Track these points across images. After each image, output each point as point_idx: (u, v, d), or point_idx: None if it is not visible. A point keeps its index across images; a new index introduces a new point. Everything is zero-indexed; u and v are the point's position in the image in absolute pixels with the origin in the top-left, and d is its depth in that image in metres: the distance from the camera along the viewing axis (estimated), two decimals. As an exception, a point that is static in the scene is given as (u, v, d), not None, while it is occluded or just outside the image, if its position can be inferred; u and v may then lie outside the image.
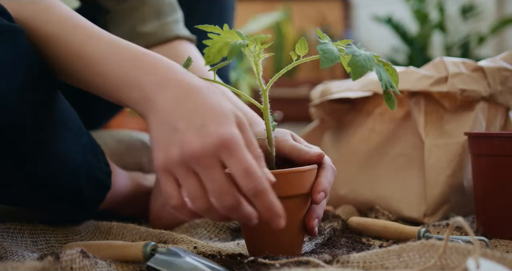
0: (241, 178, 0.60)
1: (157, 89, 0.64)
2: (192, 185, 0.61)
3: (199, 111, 0.62)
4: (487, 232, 0.84)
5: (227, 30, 0.72)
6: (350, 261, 0.62)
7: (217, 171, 0.60)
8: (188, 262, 0.64)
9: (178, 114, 0.62)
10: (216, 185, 0.60)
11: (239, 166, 0.60)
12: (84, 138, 0.80)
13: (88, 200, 0.83)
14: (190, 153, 0.60)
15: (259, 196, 0.61)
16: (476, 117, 0.98)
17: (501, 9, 3.27)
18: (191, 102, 0.62)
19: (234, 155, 0.60)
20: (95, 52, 0.68)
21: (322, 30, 2.96)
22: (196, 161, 0.60)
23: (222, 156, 0.61)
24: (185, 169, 0.61)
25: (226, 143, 0.60)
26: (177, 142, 0.61)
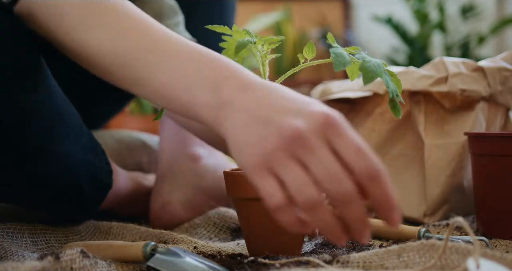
0: (353, 158, 0.53)
1: (237, 92, 0.58)
2: (298, 174, 0.53)
3: (292, 99, 0.57)
4: (487, 232, 0.84)
5: (236, 30, 0.72)
6: (350, 261, 0.62)
7: (327, 152, 0.53)
8: (188, 262, 0.64)
9: (268, 107, 0.56)
10: (328, 168, 0.52)
11: (350, 145, 0.53)
12: (84, 137, 0.80)
13: (88, 199, 0.83)
14: (292, 134, 0.53)
15: (374, 179, 0.53)
16: (476, 117, 0.98)
17: (501, 9, 3.27)
18: (280, 96, 0.57)
19: (342, 133, 0.53)
20: (178, 49, 0.63)
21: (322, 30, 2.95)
22: (300, 142, 0.53)
23: (328, 135, 0.53)
24: (287, 156, 0.53)
25: (332, 120, 0.54)
26: (273, 131, 0.54)
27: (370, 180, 0.53)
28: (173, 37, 0.64)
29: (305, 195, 0.52)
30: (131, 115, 2.54)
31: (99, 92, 1.09)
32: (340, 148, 0.53)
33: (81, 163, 0.79)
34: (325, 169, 0.52)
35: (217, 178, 1.00)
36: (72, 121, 0.77)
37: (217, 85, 0.59)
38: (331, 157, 0.53)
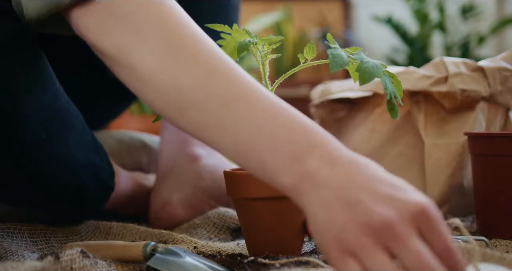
0: (442, 256, 0.51)
1: (324, 165, 0.54)
2: (384, 261, 0.49)
3: (382, 180, 0.53)
4: (487, 232, 0.84)
5: (236, 30, 0.72)
6: (350, 261, 0.62)
7: (417, 241, 0.50)
8: (188, 262, 0.64)
9: (357, 187, 0.52)
10: (419, 257, 0.49)
11: (442, 242, 0.51)
12: (88, 138, 0.81)
13: (92, 200, 0.83)
14: (381, 222, 0.49)
15: None
16: (476, 117, 0.98)
17: (501, 9, 3.27)
18: (369, 177, 0.53)
19: (435, 228, 0.51)
20: (256, 104, 0.57)
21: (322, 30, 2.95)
22: (389, 231, 0.49)
23: (421, 228, 0.51)
24: (373, 244, 0.50)
25: (427, 211, 0.50)
26: (361, 214, 0.50)
27: None
28: (261, 89, 0.59)
29: None
30: (131, 116, 2.54)
31: (103, 94, 1.10)
32: (430, 244, 0.51)
33: (85, 164, 0.79)
34: (415, 258, 0.49)
35: (217, 178, 1.00)
36: (76, 123, 0.77)
37: (304, 153, 0.54)
38: (421, 247, 0.50)
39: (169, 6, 0.61)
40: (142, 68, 0.60)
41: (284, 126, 0.56)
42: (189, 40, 0.60)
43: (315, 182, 0.53)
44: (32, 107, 0.68)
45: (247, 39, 0.71)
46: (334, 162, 0.54)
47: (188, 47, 0.60)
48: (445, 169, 0.97)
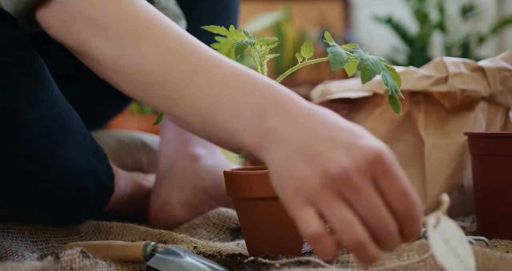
0: (398, 202, 0.53)
1: (283, 119, 0.56)
2: (343, 212, 0.52)
3: (341, 129, 0.54)
4: (487, 232, 0.84)
5: (233, 31, 0.72)
6: (350, 261, 0.62)
7: (372, 191, 0.52)
8: (188, 262, 0.64)
9: (316, 138, 0.54)
10: (375, 209, 0.52)
11: (398, 188, 0.53)
12: (87, 141, 0.81)
13: (92, 203, 0.83)
14: (338, 172, 0.52)
15: (413, 223, 0.54)
16: (476, 117, 0.98)
17: (501, 9, 3.28)
18: (328, 124, 0.55)
19: (391, 174, 0.53)
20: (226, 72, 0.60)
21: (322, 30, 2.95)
22: (346, 181, 0.52)
23: (376, 175, 0.52)
24: (332, 194, 0.52)
25: (382, 158, 0.52)
26: (320, 166, 0.52)
27: (408, 223, 0.54)
28: (222, 60, 0.62)
29: (353, 235, 0.52)
30: (131, 116, 2.54)
31: (102, 93, 1.10)
32: (386, 190, 0.53)
33: (85, 168, 0.79)
34: (369, 211, 0.52)
35: (216, 178, 1.00)
36: (75, 128, 0.77)
37: (262, 111, 0.57)
38: (377, 200, 0.52)
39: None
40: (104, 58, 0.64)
41: (244, 91, 0.59)
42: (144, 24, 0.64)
43: (276, 137, 0.55)
44: (32, 114, 0.68)
45: (245, 40, 0.70)
46: (293, 116, 0.56)
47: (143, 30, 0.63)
48: (445, 169, 0.97)
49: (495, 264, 0.57)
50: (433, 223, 0.56)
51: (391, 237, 0.53)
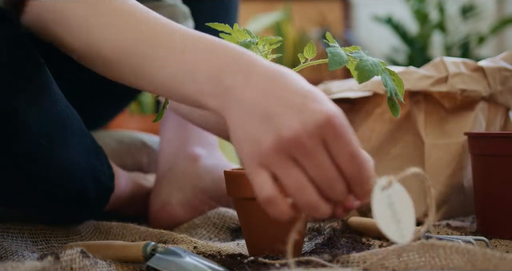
0: (348, 163, 0.54)
1: (240, 78, 0.57)
2: (295, 175, 0.54)
3: (295, 92, 0.55)
4: (487, 232, 0.84)
5: (237, 29, 0.72)
6: (350, 261, 0.62)
7: (322, 154, 0.54)
8: (188, 262, 0.64)
9: (270, 99, 0.55)
10: (324, 170, 0.54)
11: (347, 149, 0.54)
12: (87, 141, 0.80)
13: (92, 203, 0.83)
14: (290, 136, 0.53)
15: (362, 183, 0.56)
16: (476, 117, 0.98)
17: (501, 9, 3.28)
18: (283, 85, 0.56)
19: (340, 136, 0.54)
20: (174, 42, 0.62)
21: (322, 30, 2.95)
22: (298, 145, 0.53)
23: (327, 138, 0.54)
24: (284, 157, 0.54)
25: (332, 121, 0.54)
26: (273, 129, 0.54)
27: (358, 184, 0.56)
28: (177, 29, 0.64)
29: (305, 197, 0.54)
30: (131, 116, 2.54)
31: (102, 93, 1.10)
32: (336, 152, 0.54)
33: (85, 168, 0.79)
34: (319, 173, 0.54)
35: (216, 178, 1.00)
36: (75, 128, 0.77)
37: (220, 72, 0.58)
38: (327, 162, 0.54)
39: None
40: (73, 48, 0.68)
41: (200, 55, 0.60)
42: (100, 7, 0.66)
43: (234, 97, 0.57)
44: (31, 114, 0.68)
45: (248, 39, 0.71)
46: (248, 75, 0.57)
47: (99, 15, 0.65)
48: (445, 169, 0.97)
49: (495, 264, 0.57)
50: (382, 184, 0.57)
51: (340, 195, 0.55)
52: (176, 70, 0.61)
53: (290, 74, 0.58)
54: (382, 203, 0.57)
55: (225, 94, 0.57)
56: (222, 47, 0.61)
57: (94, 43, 0.65)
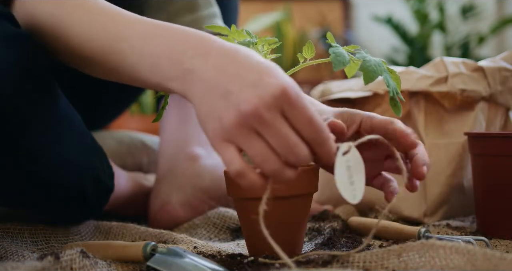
0: (306, 128, 0.58)
1: (199, 60, 0.60)
2: (258, 146, 0.57)
3: (251, 68, 0.58)
4: (487, 232, 0.84)
5: (235, 30, 0.72)
6: (350, 261, 0.62)
7: (281, 123, 0.57)
8: (188, 262, 0.64)
9: (228, 77, 0.58)
10: (284, 138, 0.57)
11: (304, 116, 0.57)
12: (87, 140, 0.80)
13: (92, 202, 0.83)
14: (249, 110, 0.56)
15: (323, 144, 0.59)
16: (476, 117, 0.98)
17: (501, 9, 3.28)
18: (239, 63, 0.59)
19: (296, 105, 0.57)
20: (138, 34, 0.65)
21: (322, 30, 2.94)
22: (257, 118, 0.56)
23: (284, 108, 0.57)
24: (246, 131, 0.57)
25: (286, 92, 0.56)
26: (232, 105, 0.57)
27: (319, 144, 0.59)
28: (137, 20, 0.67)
29: (269, 166, 0.57)
30: (131, 116, 2.54)
31: (102, 93, 1.10)
32: (293, 119, 0.57)
33: (85, 167, 0.79)
34: (281, 141, 0.57)
35: (216, 178, 1.00)
36: (75, 127, 0.77)
37: (180, 56, 0.61)
38: (287, 130, 0.57)
39: None
40: (49, 48, 0.72)
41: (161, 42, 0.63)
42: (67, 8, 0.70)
43: (194, 77, 0.60)
44: (32, 114, 0.68)
45: (247, 39, 0.71)
46: (207, 57, 0.60)
47: (68, 15, 0.69)
48: (445, 169, 0.97)
49: (495, 264, 0.57)
50: (344, 149, 0.62)
51: (304, 159, 0.58)
52: (139, 59, 0.64)
53: (245, 52, 0.60)
54: (342, 166, 0.61)
55: (187, 77, 0.61)
56: (181, 33, 0.64)
57: (69, 44, 0.69)
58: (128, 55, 0.65)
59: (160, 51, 0.63)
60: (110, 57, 0.67)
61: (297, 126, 0.58)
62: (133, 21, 0.67)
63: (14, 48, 0.67)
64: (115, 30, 0.66)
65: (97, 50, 0.67)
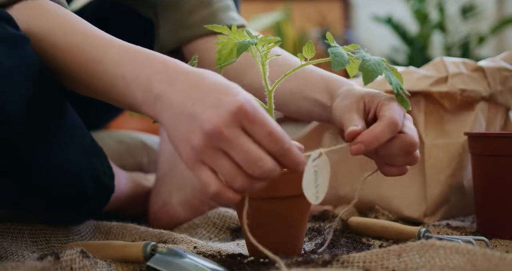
0: (267, 141, 0.59)
1: (167, 86, 0.63)
2: (225, 165, 0.59)
3: (211, 90, 0.61)
4: (487, 232, 0.84)
5: (235, 30, 0.72)
6: (350, 261, 0.62)
7: (242, 139, 0.59)
8: (188, 262, 0.64)
9: (192, 101, 0.61)
10: (247, 153, 0.59)
11: (264, 130, 0.59)
12: (87, 140, 0.81)
13: (92, 203, 0.83)
14: (210, 130, 0.58)
15: (286, 154, 0.60)
16: (476, 117, 0.98)
17: (501, 9, 3.27)
18: (202, 87, 0.62)
19: (255, 120, 0.59)
20: (111, 57, 0.68)
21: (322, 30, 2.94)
22: (219, 136, 0.58)
23: (243, 123, 0.59)
24: (213, 150, 0.59)
25: (243, 108, 0.59)
26: (197, 127, 0.59)
27: (282, 156, 0.60)
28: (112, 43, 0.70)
29: (238, 183, 0.59)
30: (131, 116, 2.54)
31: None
32: (254, 134, 0.59)
33: (85, 168, 0.79)
34: (244, 157, 0.59)
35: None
36: (75, 127, 0.77)
37: (149, 81, 0.64)
38: (249, 145, 0.59)
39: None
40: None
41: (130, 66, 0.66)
42: (48, 29, 0.71)
43: (163, 103, 0.63)
44: (31, 113, 0.68)
45: (247, 40, 0.71)
46: (173, 82, 0.63)
47: (47, 35, 0.71)
48: (445, 169, 0.97)
49: (495, 264, 0.57)
50: (315, 156, 0.65)
51: (270, 172, 0.59)
52: (111, 80, 0.68)
53: (206, 75, 0.63)
54: (310, 171, 0.64)
55: (156, 102, 0.63)
56: (150, 59, 0.66)
57: (53, 62, 0.71)
58: (102, 78, 0.68)
59: (131, 76, 0.66)
60: (85, 77, 0.70)
61: (259, 141, 0.60)
62: (108, 44, 0.69)
63: (12, 50, 0.67)
64: (91, 53, 0.69)
65: (75, 70, 0.70)
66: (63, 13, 0.73)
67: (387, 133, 0.69)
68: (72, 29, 0.71)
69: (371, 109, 0.73)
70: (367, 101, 0.74)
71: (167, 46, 0.99)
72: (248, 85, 0.89)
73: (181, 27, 0.98)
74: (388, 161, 0.73)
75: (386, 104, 0.71)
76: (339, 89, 0.81)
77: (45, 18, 0.72)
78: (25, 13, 0.71)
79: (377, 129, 0.69)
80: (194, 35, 0.97)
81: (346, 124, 0.72)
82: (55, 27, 0.71)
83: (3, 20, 0.68)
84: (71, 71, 0.71)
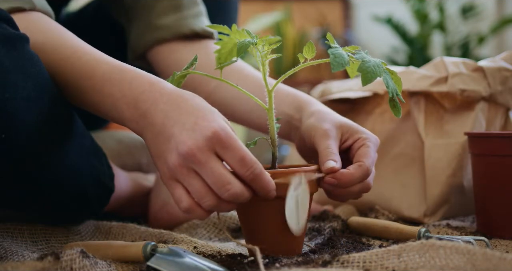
0: (238, 167, 0.63)
1: (151, 105, 0.67)
2: (196, 185, 0.63)
3: (191, 113, 0.65)
4: (487, 232, 0.84)
5: (236, 30, 0.72)
6: (350, 261, 0.62)
7: (214, 163, 0.62)
8: (188, 262, 0.64)
9: (172, 122, 0.65)
10: (216, 176, 0.62)
11: (235, 156, 0.63)
12: (87, 141, 0.81)
13: (92, 203, 0.83)
14: (185, 152, 0.62)
15: (256, 180, 0.64)
16: (476, 117, 0.98)
17: (501, 9, 3.28)
18: (182, 109, 0.65)
19: (228, 146, 0.63)
20: (100, 75, 0.71)
21: (322, 30, 2.93)
22: (192, 158, 0.62)
23: (216, 149, 0.63)
24: (186, 170, 0.63)
25: (217, 134, 0.62)
26: (173, 147, 0.63)
27: (253, 181, 0.64)
28: (101, 61, 0.72)
29: (206, 202, 0.63)
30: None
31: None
32: (227, 160, 0.63)
33: (85, 168, 0.79)
34: (214, 178, 0.62)
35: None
36: (75, 128, 0.77)
37: (135, 100, 0.68)
38: (220, 169, 0.62)
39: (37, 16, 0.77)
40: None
41: (117, 85, 0.70)
42: (41, 45, 0.74)
43: (147, 122, 0.67)
44: (30, 114, 0.68)
45: (247, 40, 0.70)
46: (156, 103, 0.67)
47: (40, 49, 0.73)
48: (445, 169, 0.97)
49: (495, 264, 0.57)
50: (296, 183, 0.67)
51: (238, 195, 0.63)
52: (99, 98, 0.71)
53: (189, 98, 0.67)
54: (292, 199, 0.67)
55: (141, 120, 0.68)
56: (138, 78, 0.70)
57: (43, 76, 0.73)
58: (90, 94, 0.71)
59: (119, 95, 0.69)
60: (75, 93, 0.73)
61: (231, 165, 0.63)
62: (97, 60, 0.72)
63: (11, 50, 0.67)
64: (80, 68, 0.72)
65: (65, 85, 0.73)
66: (54, 27, 0.76)
67: (361, 179, 0.74)
68: (61, 44, 0.74)
69: (348, 140, 0.77)
70: (345, 132, 0.78)
71: (136, 50, 0.99)
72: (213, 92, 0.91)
73: (151, 28, 0.98)
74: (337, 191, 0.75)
75: (366, 146, 0.76)
76: (310, 107, 0.84)
77: (36, 31, 0.74)
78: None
79: (356, 175, 0.73)
80: (164, 36, 0.96)
81: (323, 152, 0.74)
82: (45, 42, 0.74)
83: (3, 20, 0.68)
84: (62, 86, 0.73)
